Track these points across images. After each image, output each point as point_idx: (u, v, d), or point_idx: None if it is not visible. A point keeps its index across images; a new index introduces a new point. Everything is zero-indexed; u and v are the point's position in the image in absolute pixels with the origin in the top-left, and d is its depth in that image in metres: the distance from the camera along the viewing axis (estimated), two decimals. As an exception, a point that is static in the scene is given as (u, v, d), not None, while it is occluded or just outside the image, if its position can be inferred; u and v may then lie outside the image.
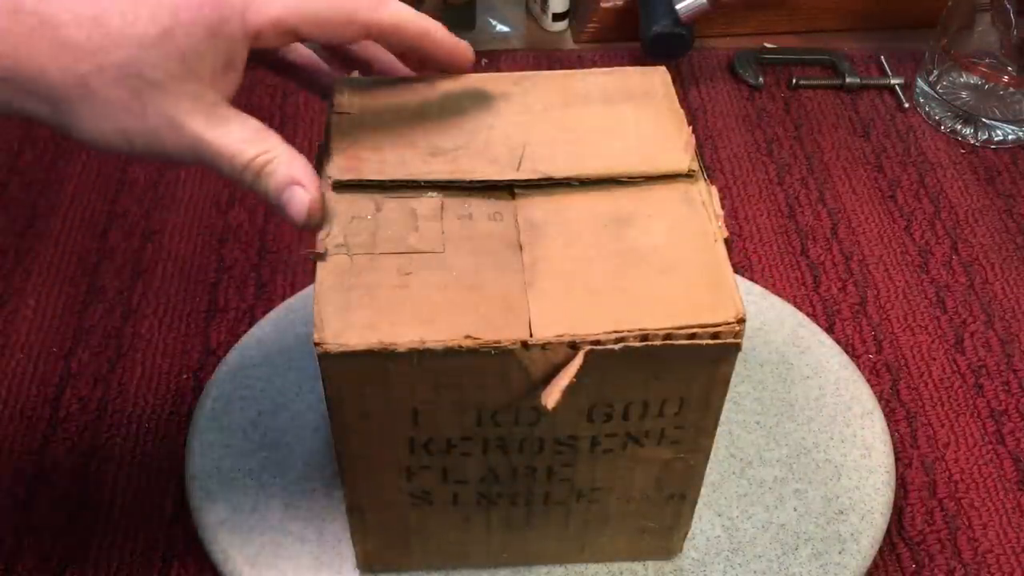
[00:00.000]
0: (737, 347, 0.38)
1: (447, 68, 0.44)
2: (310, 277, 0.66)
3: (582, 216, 0.41)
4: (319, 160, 0.43)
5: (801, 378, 0.60)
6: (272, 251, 0.69)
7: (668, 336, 0.37)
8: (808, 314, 0.65)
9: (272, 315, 0.63)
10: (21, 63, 0.35)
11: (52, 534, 0.54)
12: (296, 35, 0.39)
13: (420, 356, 0.37)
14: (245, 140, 0.38)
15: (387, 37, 0.41)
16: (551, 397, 0.37)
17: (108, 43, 0.36)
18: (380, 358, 0.37)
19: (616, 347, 0.37)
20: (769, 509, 0.53)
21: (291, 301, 0.63)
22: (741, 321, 0.37)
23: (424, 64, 0.45)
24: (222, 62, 0.38)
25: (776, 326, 0.62)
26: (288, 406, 0.57)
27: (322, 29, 0.40)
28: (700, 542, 0.52)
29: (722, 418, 0.56)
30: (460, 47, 0.44)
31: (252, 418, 0.57)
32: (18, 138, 0.77)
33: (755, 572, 0.51)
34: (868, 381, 0.61)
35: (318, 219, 0.40)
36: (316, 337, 0.36)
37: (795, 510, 0.53)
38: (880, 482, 0.55)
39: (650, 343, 0.37)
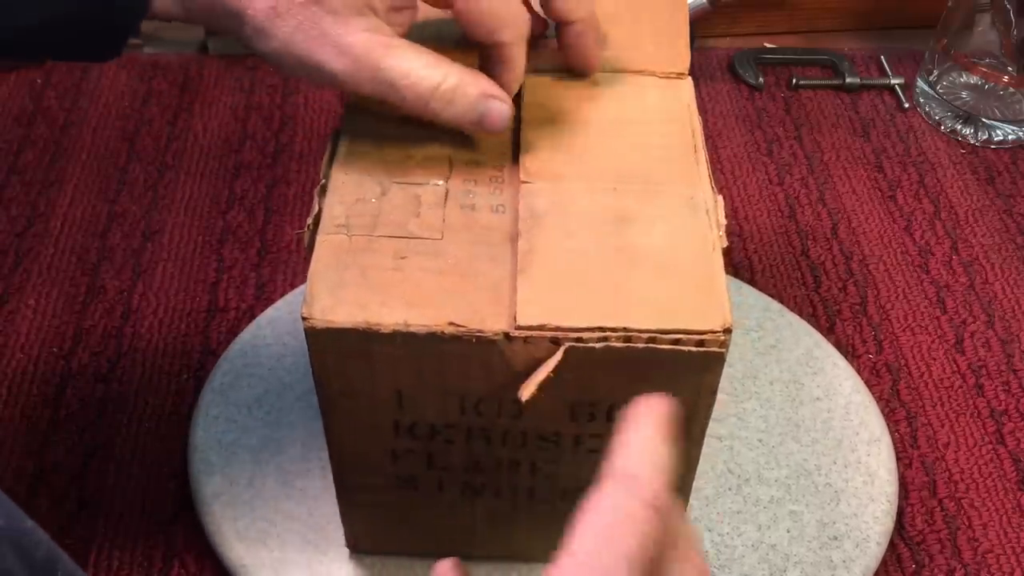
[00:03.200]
0: (722, 357, 0.38)
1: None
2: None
3: (585, 210, 0.41)
4: (333, 146, 0.43)
5: (811, 399, 0.59)
6: (272, 251, 0.69)
7: (651, 339, 0.37)
8: (808, 314, 0.65)
9: (289, 297, 0.64)
10: None
11: (52, 533, 0.54)
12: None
13: (403, 338, 0.37)
14: (428, 66, 0.39)
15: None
16: (527, 390, 0.37)
17: None
18: (364, 337, 0.37)
19: (598, 346, 0.37)
20: (761, 528, 0.53)
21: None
22: (727, 331, 0.37)
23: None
24: (399, 1, 0.40)
25: (791, 344, 0.62)
26: (294, 387, 0.58)
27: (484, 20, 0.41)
28: None
29: (724, 432, 0.57)
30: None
31: (258, 395, 0.58)
32: (18, 138, 0.77)
33: (741, 591, 0.51)
34: (868, 382, 0.61)
35: (509, 122, 0.42)
36: (304, 312, 0.37)
37: (788, 532, 0.53)
38: (880, 511, 0.54)
39: (632, 345, 0.37)
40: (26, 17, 0.38)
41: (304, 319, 0.37)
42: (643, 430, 0.31)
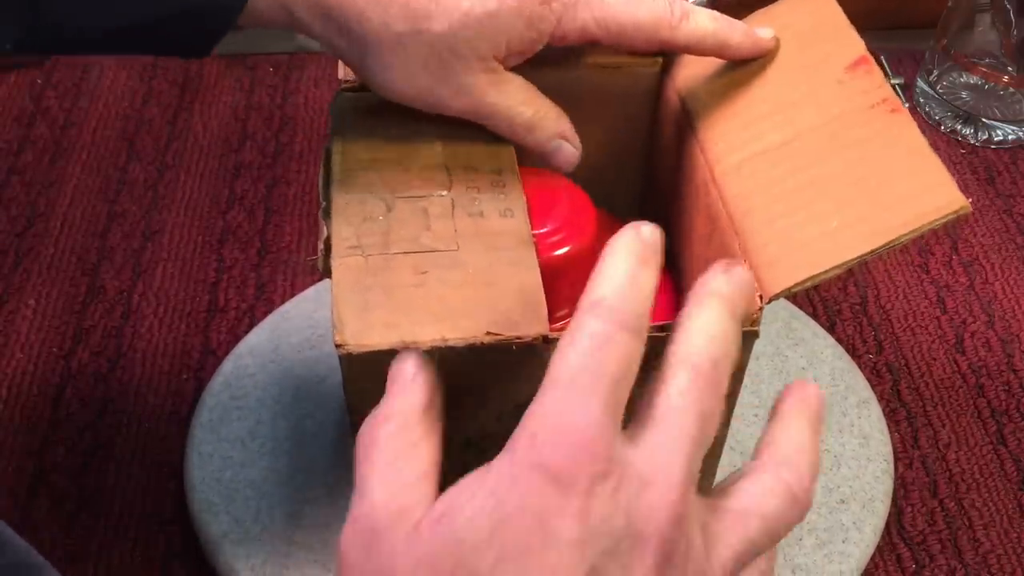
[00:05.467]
0: (755, 335, 0.38)
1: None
2: (310, 277, 0.66)
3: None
4: (326, 166, 0.43)
5: (797, 369, 0.60)
6: (272, 251, 0.69)
7: None
8: (808, 314, 0.65)
9: (266, 322, 0.62)
10: (345, 5, 0.39)
11: (52, 534, 0.54)
12: (595, 42, 0.43)
13: (442, 354, 0.36)
14: (522, 102, 0.43)
15: (682, 51, 0.45)
16: None
17: (435, 12, 0.39)
18: None
19: None
20: None
21: (285, 307, 0.63)
22: (760, 308, 0.37)
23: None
24: (522, 47, 0.41)
25: (770, 318, 0.63)
26: (285, 415, 0.57)
27: (620, 41, 0.43)
28: None
29: (721, 410, 0.57)
30: (760, 45, 0.44)
31: (250, 428, 0.57)
32: (18, 138, 0.77)
33: (760, 564, 0.51)
34: (869, 382, 0.61)
35: (572, 166, 0.45)
36: (337, 339, 0.36)
37: None
38: (879, 470, 0.55)
39: (668, 333, 0.37)
40: (117, 18, 0.39)
41: (338, 346, 0.36)
42: (618, 258, 0.31)
